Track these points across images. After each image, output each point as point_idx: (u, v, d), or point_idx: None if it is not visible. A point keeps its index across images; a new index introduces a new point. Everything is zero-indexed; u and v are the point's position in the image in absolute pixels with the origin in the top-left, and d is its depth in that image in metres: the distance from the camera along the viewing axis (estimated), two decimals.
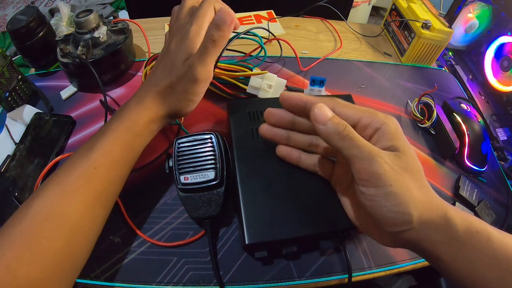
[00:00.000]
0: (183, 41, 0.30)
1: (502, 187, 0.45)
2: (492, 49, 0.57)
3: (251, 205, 0.29)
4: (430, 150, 0.46)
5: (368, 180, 0.23)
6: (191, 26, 0.30)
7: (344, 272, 0.33)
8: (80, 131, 0.43)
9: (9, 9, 1.74)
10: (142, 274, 0.32)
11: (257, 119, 0.35)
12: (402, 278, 0.51)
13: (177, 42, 0.30)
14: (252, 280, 0.32)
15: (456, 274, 0.23)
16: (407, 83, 0.55)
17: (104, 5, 1.48)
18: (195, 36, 0.30)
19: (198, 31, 0.30)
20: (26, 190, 0.36)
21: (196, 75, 0.30)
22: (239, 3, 0.63)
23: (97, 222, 0.28)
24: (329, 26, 0.64)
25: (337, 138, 0.24)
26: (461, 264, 0.23)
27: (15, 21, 0.44)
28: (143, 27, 0.56)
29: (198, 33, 0.30)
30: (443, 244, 0.23)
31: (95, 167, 0.27)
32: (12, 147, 0.40)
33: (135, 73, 0.50)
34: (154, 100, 0.31)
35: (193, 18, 0.30)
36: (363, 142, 0.23)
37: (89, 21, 0.44)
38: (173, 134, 0.42)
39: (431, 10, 0.56)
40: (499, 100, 0.56)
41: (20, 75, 0.44)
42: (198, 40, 0.30)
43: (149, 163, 0.38)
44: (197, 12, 0.30)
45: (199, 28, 0.30)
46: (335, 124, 0.24)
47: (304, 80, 0.51)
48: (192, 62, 0.29)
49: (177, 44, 0.30)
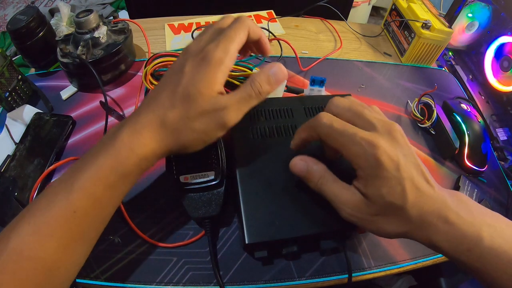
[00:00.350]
0: (202, 67, 0.24)
1: (502, 187, 0.45)
2: (492, 49, 0.57)
3: (251, 205, 0.29)
4: (430, 150, 0.46)
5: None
6: (215, 49, 0.24)
7: (344, 272, 0.33)
8: (80, 131, 0.43)
9: (9, 9, 1.74)
10: (142, 274, 0.32)
11: (257, 119, 0.35)
12: (402, 278, 0.51)
13: (194, 66, 0.25)
14: (252, 280, 0.32)
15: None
16: (407, 83, 0.55)
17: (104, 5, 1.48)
18: (219, 64, 0.24)
19: (222, 58, 0.24)
20: (26, 190, 0.36)
21: (227, 121, 0.25)
22: (239, 3, 0.64)
23: (76, 260, 0.25)
24: (329, 26, 0.64)
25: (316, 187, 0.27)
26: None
27: (15, 21, 0.44)
28: (143, 27, 0.56)
29: (222, 60, 0.24)
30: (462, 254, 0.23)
31: (74, 211, 0.23)
32: (12, 147, 0.40)
33: (135, 73, 0.50)
34: (155, 135, 0.24)
35: (220, 39, 0.25)
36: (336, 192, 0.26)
37: (89, 21, 0.44)
38: None
39: (431, 10, 0.56)
40: (499, 100, 0.56)
41: (20, 75, 0.44)
42: (222, 69, 0.25)
43: None
44: (226, 32, 0.25)
45: (225, 54, 0.24)
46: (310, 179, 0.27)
47: (304, 80, 0.51)
48: (226, 105, 0.25)
49: (194, 69, 0.25)
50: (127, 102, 0.46)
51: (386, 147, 0.23)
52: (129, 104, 0.46)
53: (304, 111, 0.37)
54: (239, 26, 0.26)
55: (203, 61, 0.24)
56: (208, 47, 0.25)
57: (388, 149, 0.23)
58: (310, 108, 0.37)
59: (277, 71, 0.26)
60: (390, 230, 0.24)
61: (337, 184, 0.26)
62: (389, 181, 0.23)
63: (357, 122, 0.25)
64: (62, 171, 0.38)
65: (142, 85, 0.47)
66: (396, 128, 0.25)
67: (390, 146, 0.24)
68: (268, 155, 0.32)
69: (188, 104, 0.24)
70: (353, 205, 0.25)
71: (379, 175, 0.23)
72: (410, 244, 0.36)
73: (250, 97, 0.25)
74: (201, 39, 0.26)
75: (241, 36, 0.26)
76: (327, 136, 0.26)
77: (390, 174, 0.23)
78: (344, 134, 0.25)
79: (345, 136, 0.24)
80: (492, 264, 0.22)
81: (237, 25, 0.26)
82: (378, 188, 0.23)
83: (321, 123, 0.26)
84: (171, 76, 0.26)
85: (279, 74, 0.26)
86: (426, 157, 0.45)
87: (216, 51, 0.24)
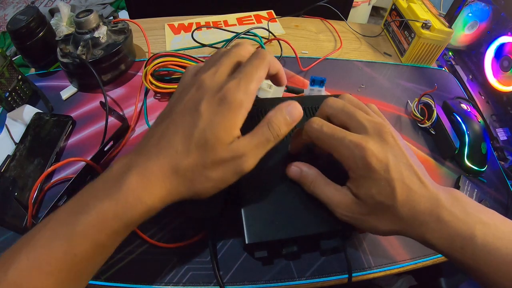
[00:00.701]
0: (222, 110, 0.22)
1: (502, 187, 0.45)
2: (492, 49, 0.57)
3: (251, 205, 0.29)
4: (430, 150, 0.46)
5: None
6: (237, 89, 0.22)
7: (344, 272, 0.33)
8: (80, 131, 0.43)
9: (9, 9, 1.74)
10: (142, 274, 0.32)
11: (257, 119, 0.35)
12: (402, 278, 0.51)
13: (213, 107, 0.22)
14: (252, 280, 0.32)
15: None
16: (407, 83, 0.55)
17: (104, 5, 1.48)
18: (239, 107, 0.22)
19: (243, 101, 0.23)
20: (26, 190, 0.36)
21: (245, 168, 0.24)
22: (239, 3, 0.64)
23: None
24: (329, 26, 0.64)
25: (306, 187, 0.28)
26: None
27: (15, 21, 0.44)
28: (143, 27, 0.56)
29: (243, 103, 0.22)
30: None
31: (75, 254, 0.22)
32: (12, 147, 0.40)
33: (135, 73, 0.50)
34: (166, 183, 0.22)
35: (241, 78, 0.23)
36: (328, 194, 0.27)
37: (89, 21, 0.44)
38: None
39: (431, 10, 0.56)
40: (499, 100, 0.56)
41: (20, 75, 0.44)
42: (242, 113, 0.23)
43: None
44: (247, 69, 0.24)
45: (246, 96, 0.23)
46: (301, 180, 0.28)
47: (304, 80, 0.51)
48: (245, 152, 0.23)
49: (212, 111, 0.22)
50: (127, 102, 0.46)
51: (374, 149, 0.24)
52: (129, 104, 0.46)
53: (304, 111, 0.36)
54: (260, 63, 0.24)
55: (222, 102, 0.22)
56: (228, 86, 0.23)
57: (376, 150, 0.24)
58: (310, 108, 0.37)
59: (293, 110, 0.25)
60: (383, 229, 0.25)
61: (329, 187, 0.27)
62: (379, 182, 0.23)
63: (348, 124, 0.26)
64: (62, 172, 0.38)
65: (142, 85, 0.47)
66: (386, 129, 0.25)
67: (379, 147, 0.24)
68: (268, 155, 0.32)
69: (205, 152, 0.22)
70: (345, 206, 0.26)
71: (369, 177, 0.24)
72: (410, 244, 0.36)
73: (268, 142, 0.24)
74: (217, 71, 0.24)
75: (262, 75, 0.24)
76: (318, 139, 0.26)
77: (379, 176, 0.23)
78: (333, 137, 0.25)
79: (334, 140, 0.25)
80: (485, 262, 0.22)
81: (258, 62, 0.24)
82: (368, 189, 0.24)
83: (312, 127, 0.26)
84: (184, 114, 0.23)
85: (295, 114, 0.25)
86: (426, 157, 0.45)
87: (238, 92, 0.22)
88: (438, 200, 0.24)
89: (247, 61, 0.24)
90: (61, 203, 0.34)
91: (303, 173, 0.28)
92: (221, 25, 0.60)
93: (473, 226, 0.23)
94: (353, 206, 0.25)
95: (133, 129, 0.43)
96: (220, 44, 0.53)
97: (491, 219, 0.24)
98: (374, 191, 0.24)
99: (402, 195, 0.23)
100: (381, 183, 0.23)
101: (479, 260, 0.23)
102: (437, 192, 0.24)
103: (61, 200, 0.34)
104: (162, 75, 0.45)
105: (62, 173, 0.38)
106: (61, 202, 0.34)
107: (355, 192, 0.25)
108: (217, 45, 0.52)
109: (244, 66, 0.24)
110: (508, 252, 0.22)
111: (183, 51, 0.52)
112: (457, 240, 0.23)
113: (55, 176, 0.38)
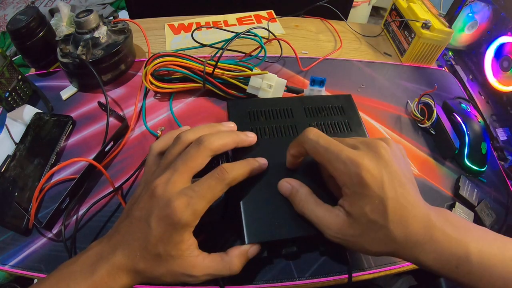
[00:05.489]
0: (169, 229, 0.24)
1: (502, 187, 0.45)
2: (492, 49, 0.57)
3: (251, 205, 0.29)
4: (430, 150, 0.46)
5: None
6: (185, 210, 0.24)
7: (344, 272, 0.33)
8: (80, 131, 0.43)
9: (9, 9, 1.74)
10: None
11: (257, 119, 0.35)
12: (402, 278, 0.51)
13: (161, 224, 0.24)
14: (252, 280, 0.32)
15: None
16: (407, 83, 0.55)
17: (104, 5, 1.48)
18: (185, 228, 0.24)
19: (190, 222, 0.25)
20: (26, 190, 0.36)
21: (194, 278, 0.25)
22: (239, 3, 0.64)
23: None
24: (329, 26, 0.64)
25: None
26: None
27: (15, 21, 0.44)
28: (143, 27, 0.56)
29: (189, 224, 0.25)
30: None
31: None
32: (12, 147, 0.40)
33: (135, 73, 0.50)
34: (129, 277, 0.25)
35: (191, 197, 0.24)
36: (318, 215, 0.26)
37: (89, 21, 0.44)
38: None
39: (431, 10, 0.56)
40: (499, 100, 0.56)
41: (20, 75, 0.44)
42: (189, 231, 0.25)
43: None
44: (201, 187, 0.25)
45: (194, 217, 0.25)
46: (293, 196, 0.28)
47: (304, 80, 0.51)
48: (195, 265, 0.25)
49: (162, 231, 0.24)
50: (127, 102, 0.46)
51: (370, 165, 0.23)
52: (129, 104, 0.46)
53: (304, 111, 0.37)
54: (216, 185, 0.25)
55: (170, 221, 0.24)
56: (177, 204, 0.24)
57: (372, 167, 0.23)
58: (310, 108, 0.37)
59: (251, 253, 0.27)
60: (375, 250, 0.24)
61: (319, 208, 0.26)
62: (373, 199, 0.23)
63: (343, 140, 0.26)
64: (62, 172, 0.38)
65: (142, 85, 0.47)
66: (381, 145, 0.25)
67: (375, 164, 0.24)
68: (268, 155, 0.32)
69: (158, 263, 0.24)
70: (337, 228, 0.25)
71: (363, 194, 0.23)
72: None
73: (222, 271, 0.26)
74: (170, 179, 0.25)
75: (217, 195, 0.25)
76: (313, 152, 0.26)
77: (374, 193, 0.23)
78: (329, 150, 0.25)
79: (330, 153, 0.25)
80: (481, 279, 0.22)
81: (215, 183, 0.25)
82: (362, 207, 0.23)
83: (307, 138, 0.26)
84: (139, 222, 0.25)
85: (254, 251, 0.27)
86: (426, 157, 0.45)
87: (185, 213, 0.24)
88: (430, 221, 0.23)
89: (204, 179, 0.25)
90: (63, 206, 0.34)
91: (293, 191, 0.28)
92: (221, 25, 0.60)
93: (467, 245, 0.23)
94: (345, 227, 0.25)
95: (133, 129, 0.43)
96: (220, 44, 0.53)
97: (483, 237, 0.24)
98: (367, 209, 0.23)
99: (395, 214, 0.23)
100: (375, 201, 0.23)
101: (475, 278, 0.22)
102: (428, 212, 0.24)
103: (64, 203, 0.34)
104: (162, 75, 0.45)
105: (62, 174, 0.38)
106: (64, 205, 0.35)
107: (348, 210, 0.24)
108: (217, 45, 0.52)
109: (200, 184, 0.25)
110: (504, 268, 0.22)
111: (183, 51, 0.52)
112: (452, 260, 0.23)
113: (55, 177, 0.38)
